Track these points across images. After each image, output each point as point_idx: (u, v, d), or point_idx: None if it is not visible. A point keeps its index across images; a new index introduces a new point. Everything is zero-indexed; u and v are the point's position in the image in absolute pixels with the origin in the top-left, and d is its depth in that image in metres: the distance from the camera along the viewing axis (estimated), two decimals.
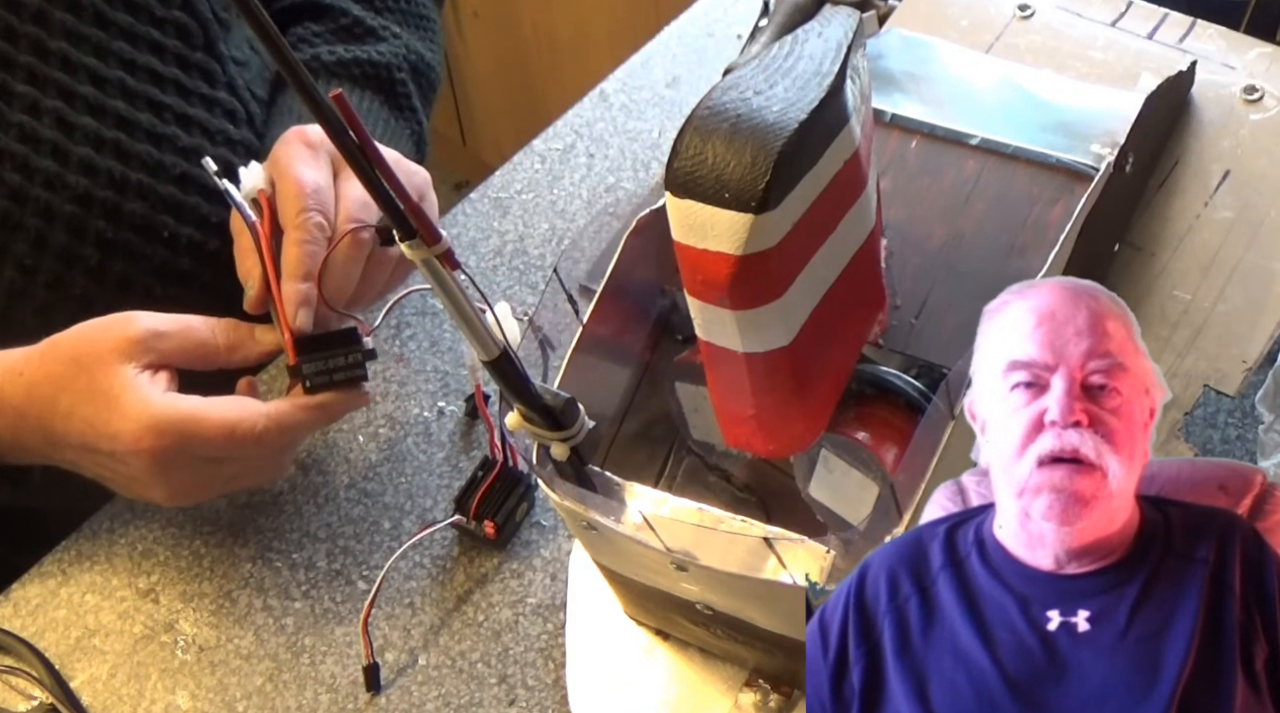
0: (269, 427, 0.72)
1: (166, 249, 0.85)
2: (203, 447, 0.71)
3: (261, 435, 0.71)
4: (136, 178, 0.83)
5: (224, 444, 0.71)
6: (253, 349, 0.75)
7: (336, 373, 0.73)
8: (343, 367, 0.73)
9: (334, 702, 0.73)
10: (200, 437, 0.70)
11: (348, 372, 0.73)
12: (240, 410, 0.71)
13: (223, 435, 0.71)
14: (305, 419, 0.73)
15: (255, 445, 0.72)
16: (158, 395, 0.71)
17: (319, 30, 0.96)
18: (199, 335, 0.74)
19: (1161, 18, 0.78)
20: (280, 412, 0.72)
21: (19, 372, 0.73)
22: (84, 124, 0.81)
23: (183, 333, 0.73)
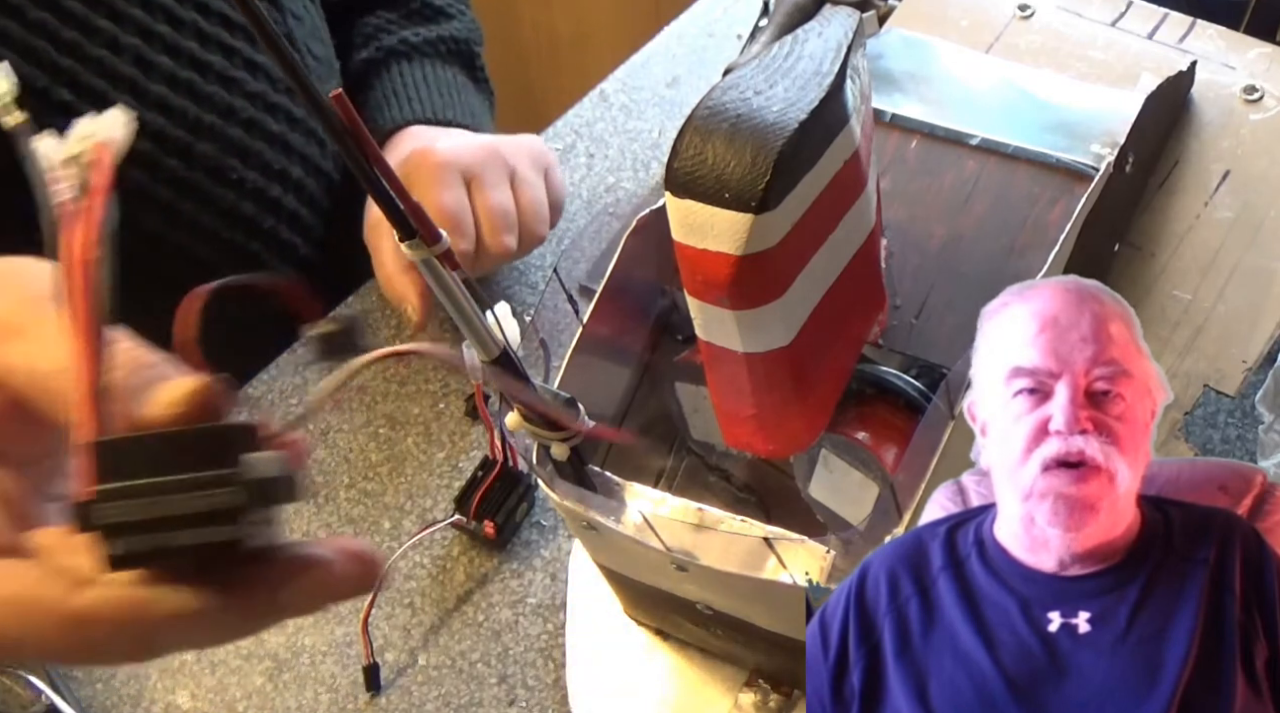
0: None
1: (234, 192, 0.88)
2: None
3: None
4: (209, 119, 0.85)
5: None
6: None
7: (173, 531, 0.35)
8: (188, 519, 0.35)
9: (334, 702, 0.73)
10: None
11: (199, 533, 0.35)
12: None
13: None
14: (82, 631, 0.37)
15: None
16: None
17: (394, 17, 1.01)
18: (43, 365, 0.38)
19: (1161, 18, 0.78)
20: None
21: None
22: (160, 63, 0.82)
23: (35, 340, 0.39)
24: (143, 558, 0.35)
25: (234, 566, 0.36)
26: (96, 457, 0.35)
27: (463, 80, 1.00)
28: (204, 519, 0.35)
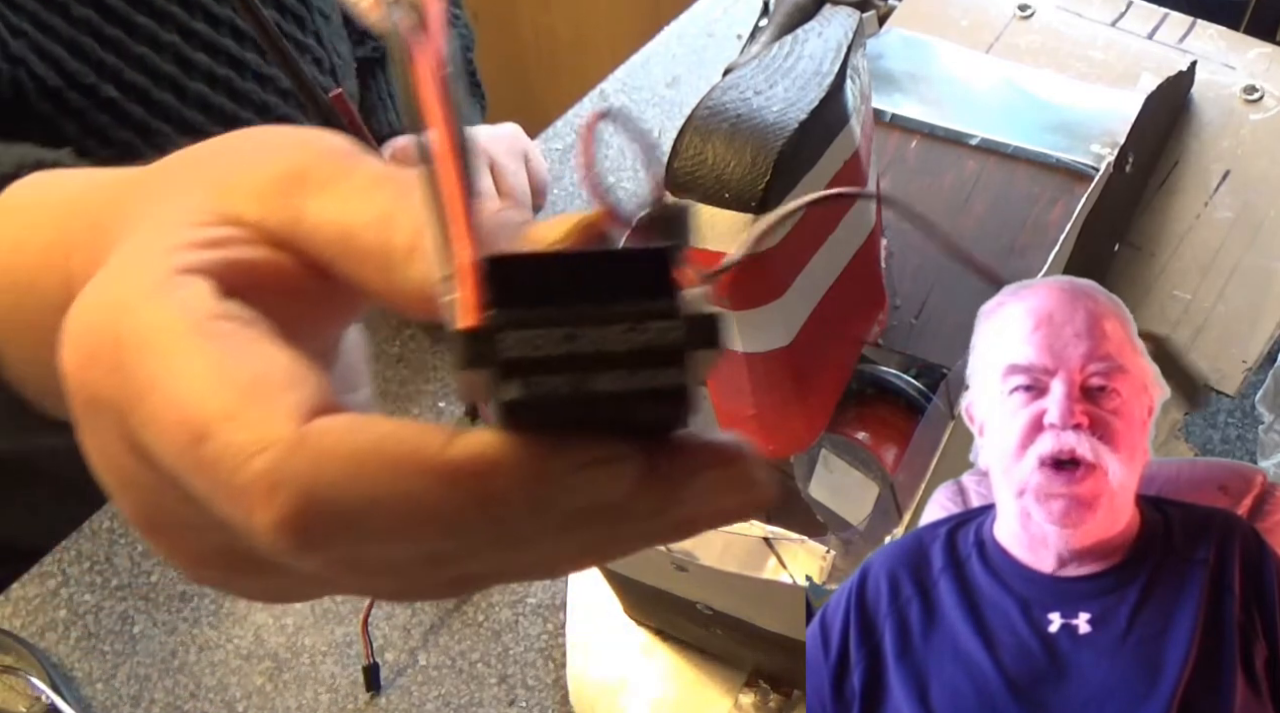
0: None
1: None
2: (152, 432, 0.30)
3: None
4: (246, 116, 0.85)
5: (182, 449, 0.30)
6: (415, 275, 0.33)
7: (592, 373, 0.26)
8: (613, 359, 0.26)
9: (334, 702, 0.73)
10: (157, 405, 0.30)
11: (629, 377, 0.26)
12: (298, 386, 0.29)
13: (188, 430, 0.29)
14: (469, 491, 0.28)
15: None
16: (160, 296, 0.32)
17: None
18: (361, 218, 0.32)
19: (1161, 18, 0.78)
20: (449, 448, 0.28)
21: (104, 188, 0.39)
22: (199, 60, 0.82)
23: (340, 194, 0.33)
24: (549, 407, 0.26)
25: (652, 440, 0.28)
26: (488, 276, 0.26)
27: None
28: (636, 360, 0.26)
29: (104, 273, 0.32)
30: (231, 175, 0.33)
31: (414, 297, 0.31)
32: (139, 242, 0.32)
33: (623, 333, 0.26)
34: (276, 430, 0.27)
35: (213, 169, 0.34)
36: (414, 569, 0.30)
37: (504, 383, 0.26)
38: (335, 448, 0.27)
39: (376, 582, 0.30)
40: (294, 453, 0.27)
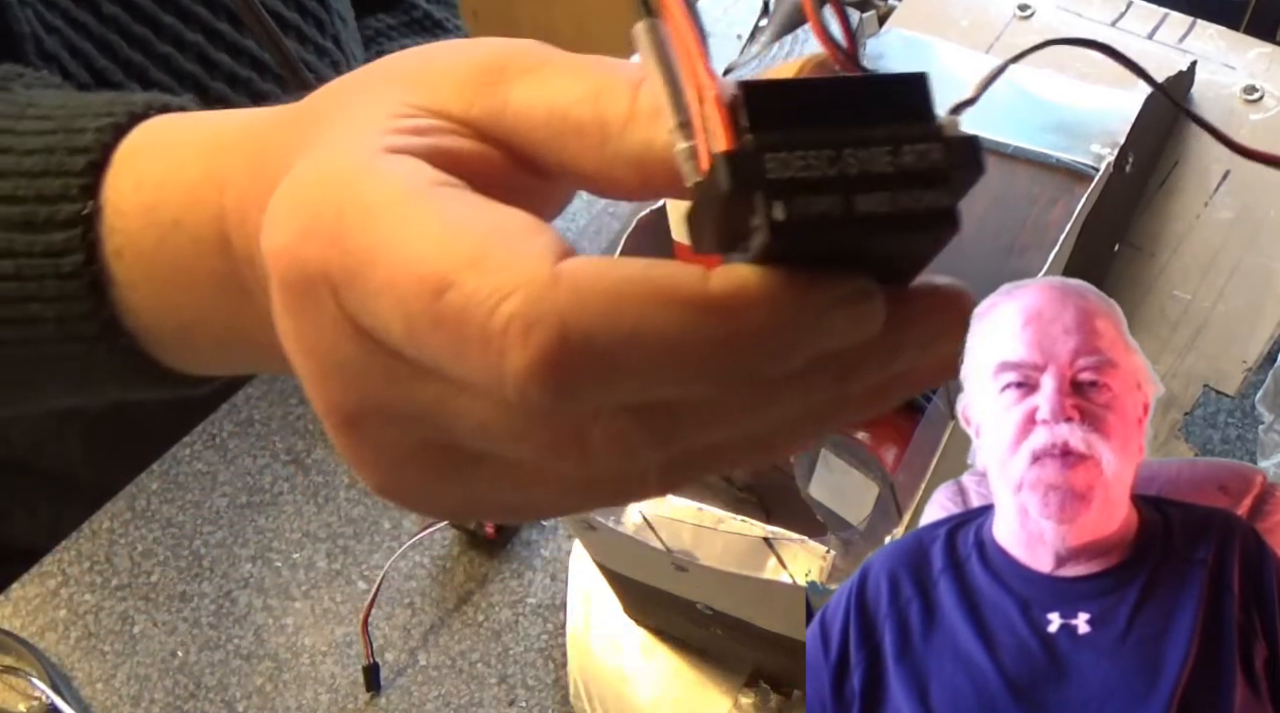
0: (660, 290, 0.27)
1: None
2: (385, 305, 0.28)
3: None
4: None
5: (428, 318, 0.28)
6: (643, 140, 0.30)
7: (857, 194, 0.26)
8: (876, 179, 0.26)
9: (334, 702, 0.73)
10: (395, 273, 0.28)
11: (896, 197, 0.26)
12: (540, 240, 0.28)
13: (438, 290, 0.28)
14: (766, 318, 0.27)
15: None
16: (385, 168, 0.30)
17: (394, 24, 1.02)
18: (570, 95, 0.31)
19: (1161, 18, 0.78)
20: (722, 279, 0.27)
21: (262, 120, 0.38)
22: (221, 61, 0.82)
23: (546, 96, 0.31)
24: (813, 231, 0.25)
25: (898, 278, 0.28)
26: (745, 102, 0.26)
27: None
28: (900, 180, 0.26)
29: (306, 162, 0.30)
30: (427, 73, 0.32)
31: (633, 165, 0.30)
32: (338, 133, 0.31)
33: (887, 154, 0.26)
34: (528, 271, 0.26)
35: (403, 73, 0.33)
36: (640, 441, 0.28)
37: (771, 201, 0.25)
38: (592, 284, 0.26)
39: (596, 464, 0.28)
40: (549, 291, 0.26)
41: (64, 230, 0.39)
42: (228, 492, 0.81)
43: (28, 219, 0.39)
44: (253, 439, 0.83)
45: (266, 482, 0.81)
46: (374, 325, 0.28)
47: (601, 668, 0.72)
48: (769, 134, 0.25)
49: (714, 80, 0.27)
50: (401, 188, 0.28)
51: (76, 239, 0.39)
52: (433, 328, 0.26)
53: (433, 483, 0.31)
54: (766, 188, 0.25)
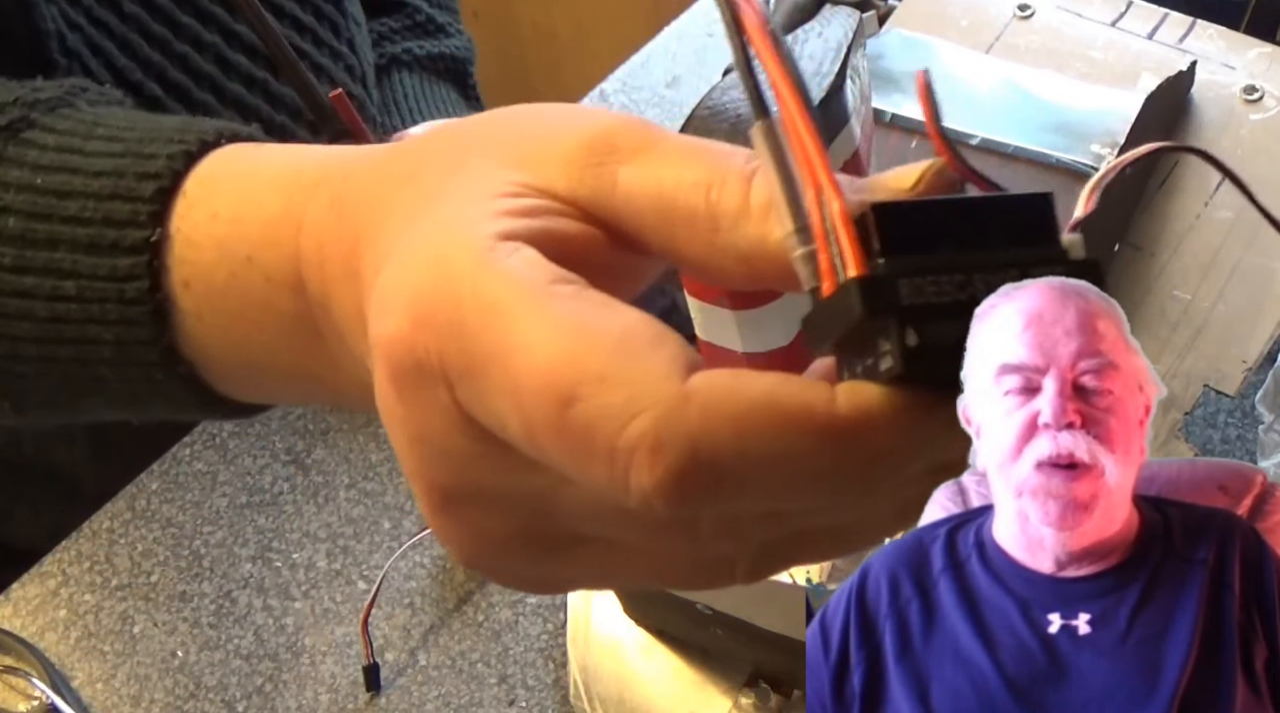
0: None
1: None
2: (499, 397, 0.28)
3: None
4: (280, 120, 0.85)
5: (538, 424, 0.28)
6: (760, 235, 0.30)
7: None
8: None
9: (334, 702, 0.73)
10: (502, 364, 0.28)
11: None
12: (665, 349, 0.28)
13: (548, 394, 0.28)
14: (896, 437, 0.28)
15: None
16: (496, 256, 0.29)
17: (397, 27, 1.02)
18: (682, 181, 0.30)
19: (1161, 18, 0.78)
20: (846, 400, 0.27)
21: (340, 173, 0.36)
22: (238, 62, 0.82)
23: (656, 182, 0.31)
24: (946, 353, 0.27)
25: None
26: (878, 224, 0.26)
27: (455, 98, 1.02)
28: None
29: (416, 245, 0.30)
30: (532, 147, 0.32)
31: (742, 259, 0.30)
32: (447, 214, 0.30)
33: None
34: (657, 390, 0.26)
35: (507, 144, 0.32)
36: (749, 530, 0.29)
37: (905, 330, 0.25)
38: (721, 407, 0.26)
39: (703, 547, 0.29)
40: (679, 412, 0.26)
41: (130, 256, 0.38)
42: (228, 492, 0.81)
43: (94, 242, 0.39)
44: (253, 439, 0.83)
45: (266, 482, 0.81)
46: (489, 422, 0.28)
47: (601, 668, 0.72)
48: (901, 260, 0.26)
49: (838, 192, 0.27)
50: (522, 287, 0.28)
51: (142, 266, 0.38)
52: (556, 436, 0.27)
53: (527, 564, 0.31)
54: (900, 315, 0.25)
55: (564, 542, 0.31)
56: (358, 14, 0.95)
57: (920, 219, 0.26)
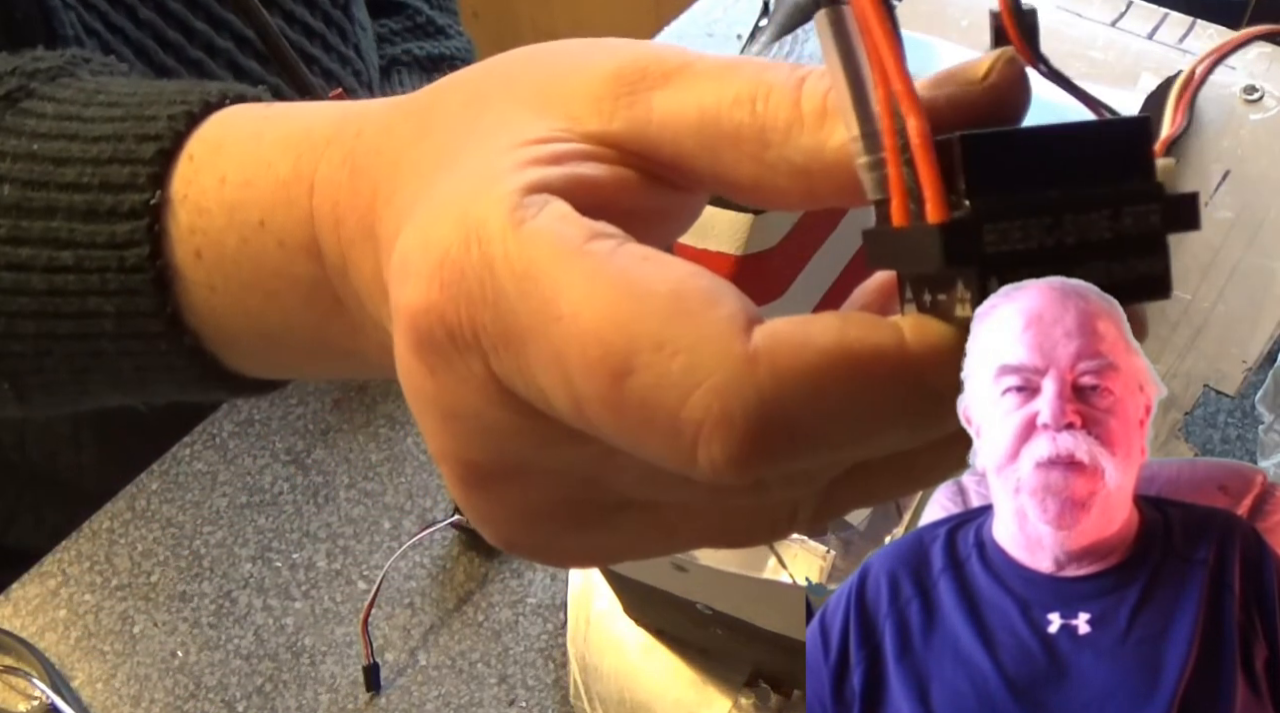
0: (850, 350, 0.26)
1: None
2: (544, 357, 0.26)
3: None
4: None
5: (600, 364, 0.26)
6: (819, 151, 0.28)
7: (1082, 270, 0.27)
8: (1096, 248, 0.26)
9: (334, 702, 0.73)
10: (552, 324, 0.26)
11: (1113, 268, 0.27)
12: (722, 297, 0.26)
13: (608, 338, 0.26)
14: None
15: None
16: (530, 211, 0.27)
17: (398, 29, 1.03)
18: (723, 99, 0.28)
19: (1161, 18, 0.78)
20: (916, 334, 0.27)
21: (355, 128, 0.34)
22: (250, 67, 0.83)
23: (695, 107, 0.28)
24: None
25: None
26: (965, 159, 0.24)
27: None
28: (1118, 248, 0.25)
29: (438, 202, 0.28)
30: (556, 86, 0.29)
31: (798, 173, 0.28)
32: (471, 167, 0.28)
33: (1105, 220, 0.25)
34: (719, 354, 0.24)
35: (529, 87, 0.30)
36: (820, 474, 0.28)
37: (988, 280, 0.24)
38: (791, 364, 0.24)
39: (771, 494, 0.28)
40: (747, 375, 0.24)
41: (129, 221, 0.36)
42: (228, 492, 0.81)
43: (91, 208, 0.37)
44: (253, 439, 0.83)
45: (266, 482, 0.81)
46: (530, 395, 0.26)
47: (601, 668, 0.72)
48: (987, 201, 0.24)
49: (916, 103, 0.24)
50: (558, 247, 0.26)
51: (142, 231, 0.36)
52: (610, 412, 0.25)
53: (569, 535, 0.30)
54: (983, 262, 0.24)
55: (611, 509, 0.29)
56: (364, 19, 0.95)
57: (1007, 151, 0.24)
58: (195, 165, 0.37)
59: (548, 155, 0.28)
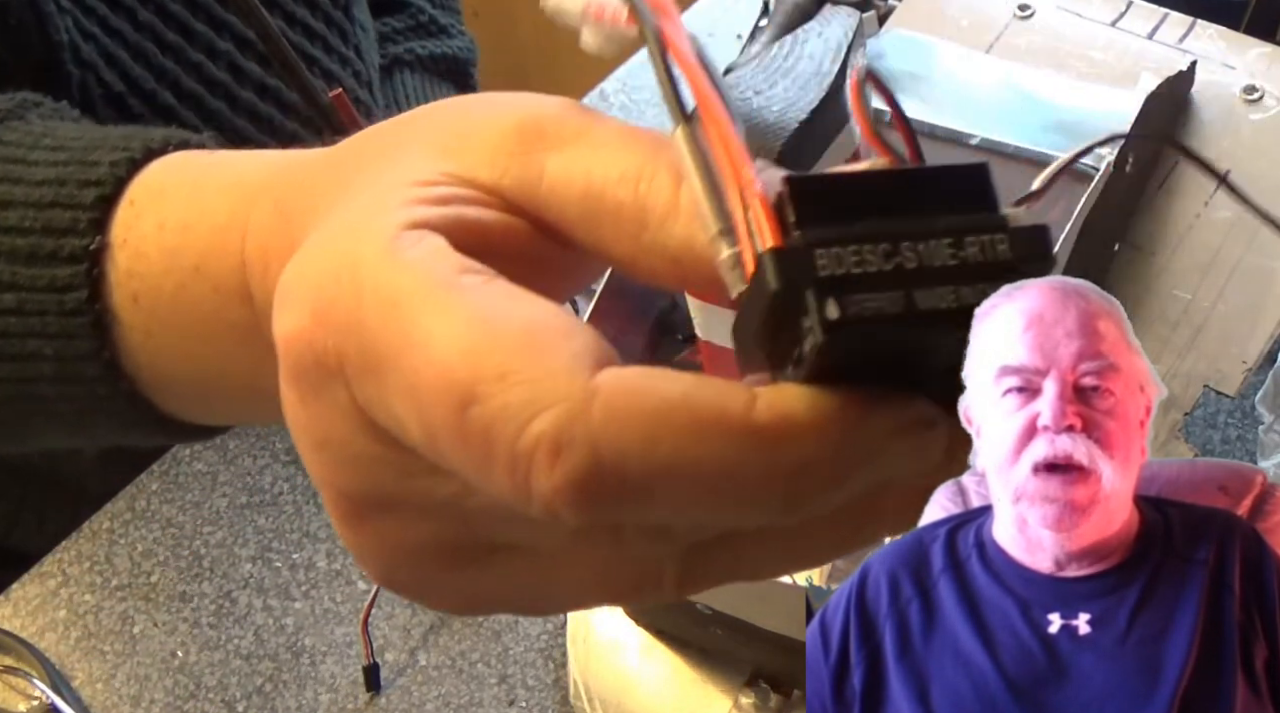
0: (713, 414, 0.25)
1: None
2: (404, 400, 0.26)
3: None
4: (291, 127, 0.86)
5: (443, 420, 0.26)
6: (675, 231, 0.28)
7: (916, 290, 0.24)
8: (938, 274, 0.25)
9: (334, 702, 0.73)
10: (418, 368, 0.26)
11: (964, 295, 0.26)
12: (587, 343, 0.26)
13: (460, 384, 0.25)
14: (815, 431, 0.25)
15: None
16: (399, 251, 0.27)
17: (400, 28, 1.03)
18: (611, 174, 0.29)
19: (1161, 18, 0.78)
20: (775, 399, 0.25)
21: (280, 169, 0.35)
22: (251, 69, 0.83)
23: (582, 156, 0.29)
24: (874, 329, 0.23)
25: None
26: (792, 197, 0.23)
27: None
28: (965, 274, 0.24)
29: (323, 235, 0.28)
30: (457, 136, 0.30)
31: (670, 260, 0.28)
32: (361, 203, 0.29)
33: (948, 247, 0.24)
34: (560, 387, 0.24)
35: (431, 133, 0.30)
36: (650, 556, 0.27)
37: (825, 302, 0.23)
38: (629, 406, 0.24)
39: (629, 548, 0.27)
40: (582, 411, 0.24)
41: (69, 266, 0.37)
42: (228, 492, 0.81)
43: (33, 252, 0.38)
44: (253, 439, 0.83)
45: (266, 482, 0.81)
46: (390, 425, 0.26)
47: (601, 668, 0.72)
48: (819, 229, 0.23)
49: (757, 180, 0.25)
50: (426, 278, 0.26)
51: (81, 275, 0.37)
52: (456, 440, 0.25)
53: (442, 576, 0.30)
54: (818, 286, 0.23)
55: (483, 551, 0.29)
56: (365, 20, 0.95)
57: (841, 191, 0.24)
58: (136, 211, 0.37)
59: (434, 197, 0.28)
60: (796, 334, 0.24)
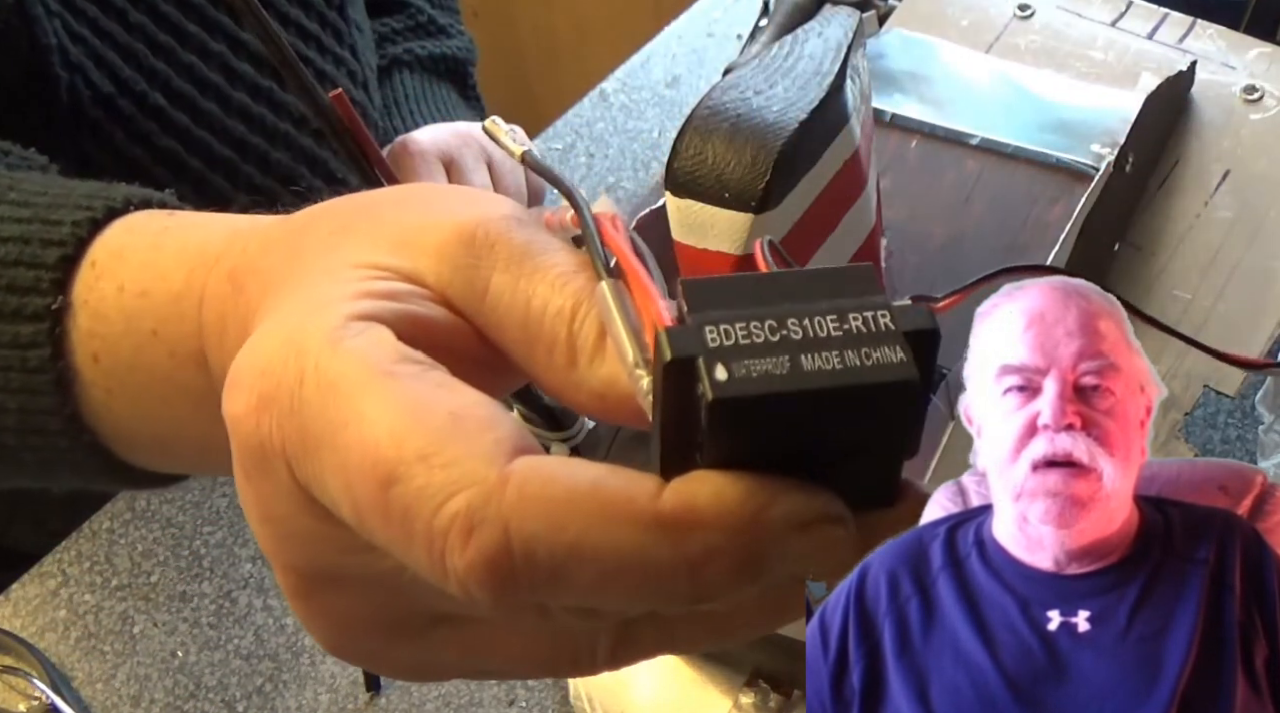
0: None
1: (304, 202, 0.90)
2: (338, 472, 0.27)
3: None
4: (284, 129, 0.85)
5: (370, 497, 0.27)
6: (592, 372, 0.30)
7: (814, 358, 0.26)
8: (835, 341, 0.26)
9: (334, 702, 0.73)
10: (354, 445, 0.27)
11: (849, 354, 0.26)
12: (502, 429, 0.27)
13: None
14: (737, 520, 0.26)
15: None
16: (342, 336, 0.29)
17: (399, 28, 1.03)
18: (549, 306, 0.30)
19: (1161, 18, 0.78)
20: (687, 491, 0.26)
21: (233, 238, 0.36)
22: (244, 71, 0.83)
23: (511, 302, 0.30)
24: (760, 392, 0.24)
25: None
26: (685, 292, 0.26)
27: (455, 98, 1.03)
28: (847, 341, 0.25)
29: (273, 322, 0.30)
30: (410, 232, 0.31)
31: (595, 395, 0.29)
32: (311, 291, 0.30)
33: (833, 321, 0.26)
34: (478, 470, 0.25)
35: (383, 225, 0.32)
36: (580, 630, 0.29)
37: (713, 366, 0.24)
38: (540, 491, 0.25)
39: (557, 622, 0.29)
40: (495, 494, 0.25)
41: (32, 324, 0.38)
42: (228, 492, 0.81)
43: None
44: None
45: None
46: (327, 502, 0.28)
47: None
48: (710, 313, 0.25)
49: (667, 316, 0.27)
50: (363, 365, 0.27)
51: (44, 334, 0.38)
52: (380, 517, 0.26)
53: (388, 648, 0.31)
54: (707, 353, 0.25)
55: (425, 623, 0.30)
56: (360, 20, 0.95)
57: (733, 288, 0.26)
58: (96, 272, 0.38)
59: (382, 291, 0.30)
60: (696, 416, 0.25)
